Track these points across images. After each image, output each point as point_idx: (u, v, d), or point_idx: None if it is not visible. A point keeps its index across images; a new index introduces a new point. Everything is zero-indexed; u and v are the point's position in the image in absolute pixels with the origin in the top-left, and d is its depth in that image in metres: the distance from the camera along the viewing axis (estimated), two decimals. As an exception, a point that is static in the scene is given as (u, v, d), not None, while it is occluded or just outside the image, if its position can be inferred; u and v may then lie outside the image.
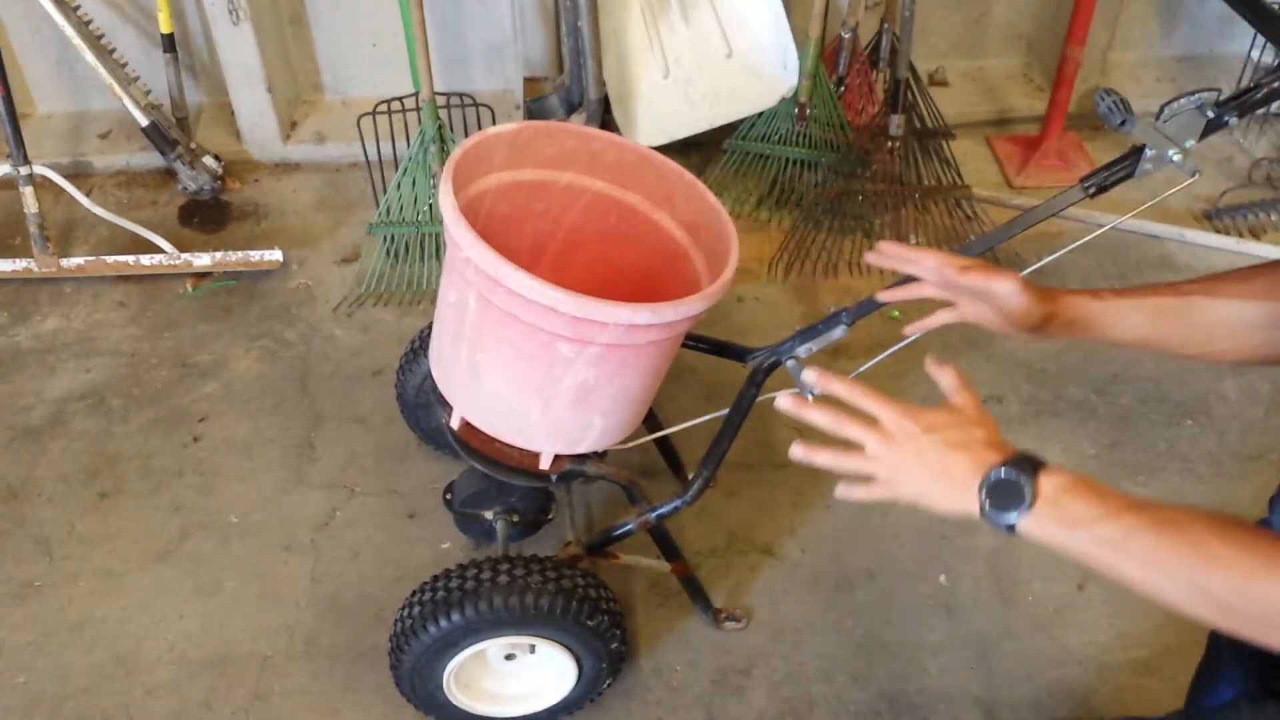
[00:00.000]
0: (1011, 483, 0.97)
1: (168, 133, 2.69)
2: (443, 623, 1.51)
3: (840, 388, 1.06)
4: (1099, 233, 1.58)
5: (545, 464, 1.58)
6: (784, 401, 1.07)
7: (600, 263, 1.72)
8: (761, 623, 1.89)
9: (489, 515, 1.81)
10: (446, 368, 1.57)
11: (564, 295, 1.30)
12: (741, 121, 2.74)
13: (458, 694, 1.65)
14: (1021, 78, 3.17)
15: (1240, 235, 2.71)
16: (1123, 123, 1.29)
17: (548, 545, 1.87)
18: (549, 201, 1.66)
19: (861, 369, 1.61)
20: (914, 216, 2.69)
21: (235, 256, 2.53)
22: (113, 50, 2.65)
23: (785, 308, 2.51)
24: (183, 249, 2.55)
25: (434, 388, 1.63)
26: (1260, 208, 2.75)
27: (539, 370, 1.43)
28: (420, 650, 1.54)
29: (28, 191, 2.44)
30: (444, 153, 2.51)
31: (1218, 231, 2.72)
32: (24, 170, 2.42)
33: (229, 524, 2.04)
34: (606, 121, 2.71)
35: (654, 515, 1.60)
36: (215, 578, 1.95)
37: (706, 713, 1.77)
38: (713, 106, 2.66)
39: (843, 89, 2.79)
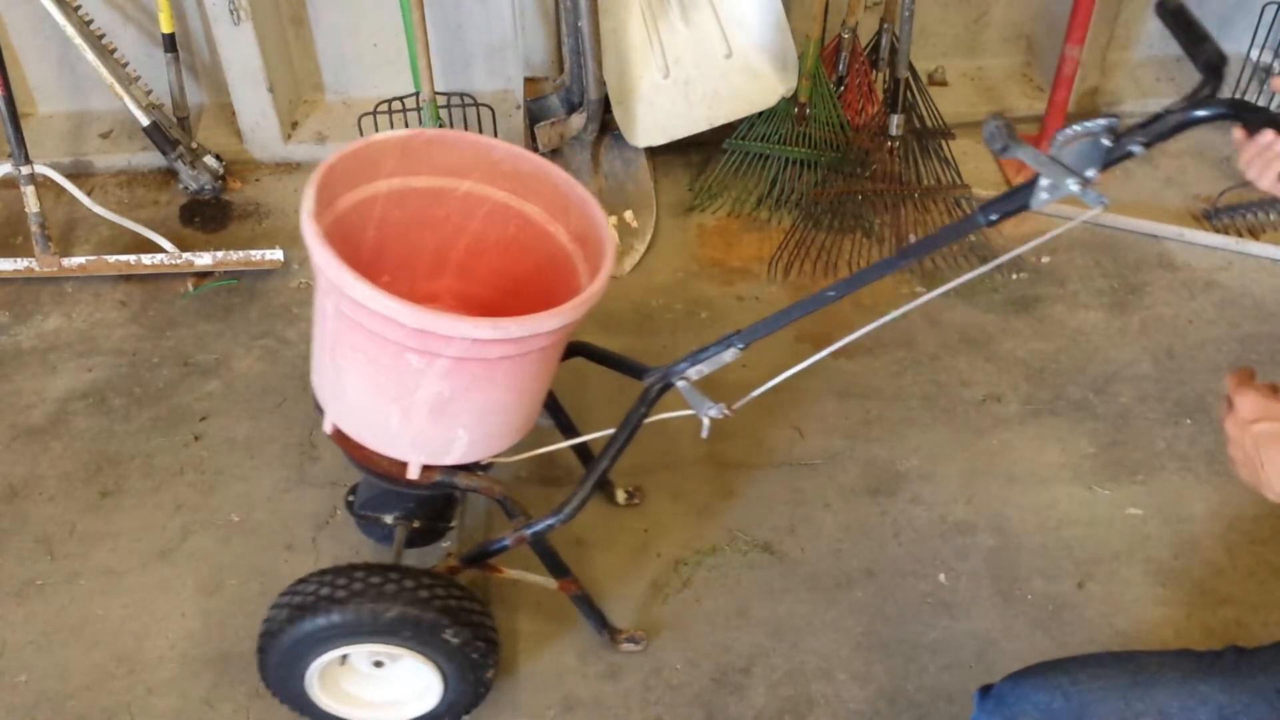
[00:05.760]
0: None
1: (169, 132, 2.69)
2: (301, 625, 1.48)
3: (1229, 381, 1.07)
4: (1078, 221, 1.52)
5: (413, 474, 1.54)
6: None
7: (501, 273, 1.69)
8: (761, 621, 1.90)
9: (388, 519, 1.76)
10: (319, 373, 1.56)
11: (402, 307, 1.26)
12: (741, 121, 2.75)
13: (321, 695, 1.63)
14: (1021, 78, 3.17)
15: (1239, 234, 2.71)
16: (1004, 149, 1.19)
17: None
18: (448, 209, 1.63)
19: (850, 337, 1.59)
20: (913, 216, 2.70)
21: (236, 256, 2.53)
22: (114, 50, 2.66)
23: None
24: (184, 248, 2.55)
25: (313, 393, 1.61)
26: (1259, 207, 2.76)
27: (391, 380, 1.40)
28: (284, 648, 1.51)
29: (29, 191, 2.45)
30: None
31: (1216, 231, 2.72)
32: (25, 170, 2.43)
33: (230, 523, 2.04)
34: (606, 121, 2.72)
35: (529, 531, 1.57)
36: (216, 576, 1.96)
37: (706, 711, 1.78)
38: (712, 106, 2.67)
39: (842, 89, 2.79)
